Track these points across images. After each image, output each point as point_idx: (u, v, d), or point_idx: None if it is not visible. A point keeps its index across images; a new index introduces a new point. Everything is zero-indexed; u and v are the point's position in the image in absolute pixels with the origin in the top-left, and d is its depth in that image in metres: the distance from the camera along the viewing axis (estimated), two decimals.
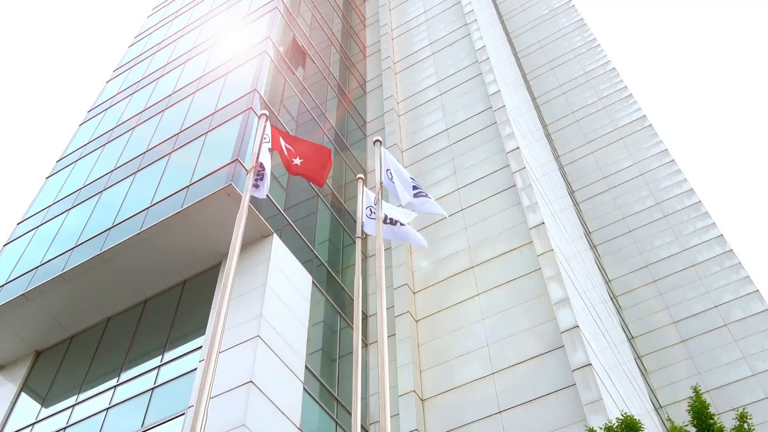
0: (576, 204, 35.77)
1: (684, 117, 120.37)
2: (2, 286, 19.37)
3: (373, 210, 11.89)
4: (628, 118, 39.47)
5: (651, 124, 38.57)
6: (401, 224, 11.84)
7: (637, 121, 38.99)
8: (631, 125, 38.95)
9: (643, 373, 27.83)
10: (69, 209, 21.41)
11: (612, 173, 37.46)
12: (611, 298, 29.88)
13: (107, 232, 18.44)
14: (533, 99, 42.07)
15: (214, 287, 16.63)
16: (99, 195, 20.99)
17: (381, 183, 11.94)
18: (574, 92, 43.01)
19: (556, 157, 37.92)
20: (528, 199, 20.30)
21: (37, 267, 19.16)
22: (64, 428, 15.96)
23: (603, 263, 33.57)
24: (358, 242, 11.89)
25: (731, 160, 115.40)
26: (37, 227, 21.66)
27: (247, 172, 10.75)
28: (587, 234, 33.96)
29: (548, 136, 39.55)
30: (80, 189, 22.14)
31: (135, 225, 17.80)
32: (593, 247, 33.70)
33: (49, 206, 22.46)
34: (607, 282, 31.87)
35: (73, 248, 18.82)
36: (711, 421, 7.68)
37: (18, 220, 22.97)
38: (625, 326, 29.68)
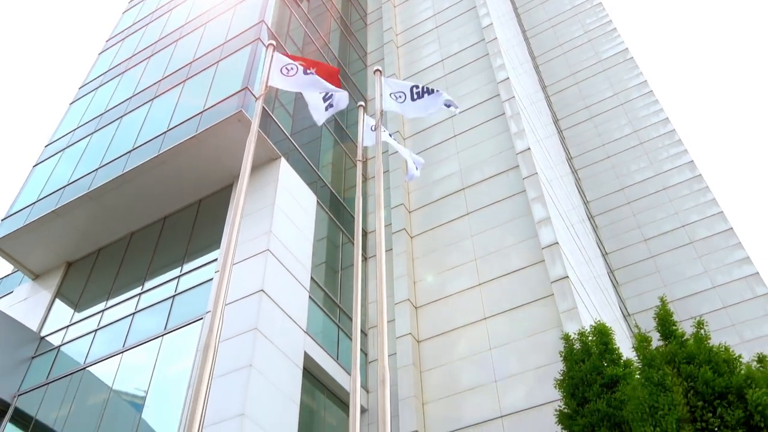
0: (560, 131, 35.52)
1: (664, 51, 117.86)
2: (34, 203, 19.40)
3: (373, 128, 11.81)
4: (611, 51, 38.84)
5: (632, 57, 37.93)
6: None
7: (619, 54, 38.37)
8: (614, 58, 38.36)
9: (615, 285, 28.31)
10: (92, 133, 21.21)
11: (594, 103, 37.10)
12: (589, 218, 30.07)
13: (128, 154, 18.32)
14: (523, 32, 41.13)
15: (227, 206, 16.67)
16: (119, 120, 20.75)
17: (381, 110, 11.77)
18: (562, 26, 42.11)
19: (543, 88, 37.40)
20: (516, 127, 20.14)
21: (64, 186, 19.14)
22: (95, 331, 16.30)
23: (582, 186, 33.62)
24: (359, 165, 11.84)
25: (706, 91, 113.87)
26: (64, 149, 21.51)
27: (256, 99, 10.57)
28: (569, 159, 33.87)
29: (536, 67, 38.88)
30: (102, 114, 21.87)
31: (153, 148, 17.68)
32: (574, 171, 33.68)
33: (74, 130, 22.24)
34: (586, 203, 32.01)
35: (97, 169, 18.76)
36: (674, 327, 7.85)
37: (45, 143, 22.80)
38: (600, 243, 29.99)
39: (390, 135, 12.60)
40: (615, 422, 8.12)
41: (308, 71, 10.63)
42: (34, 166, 21.86)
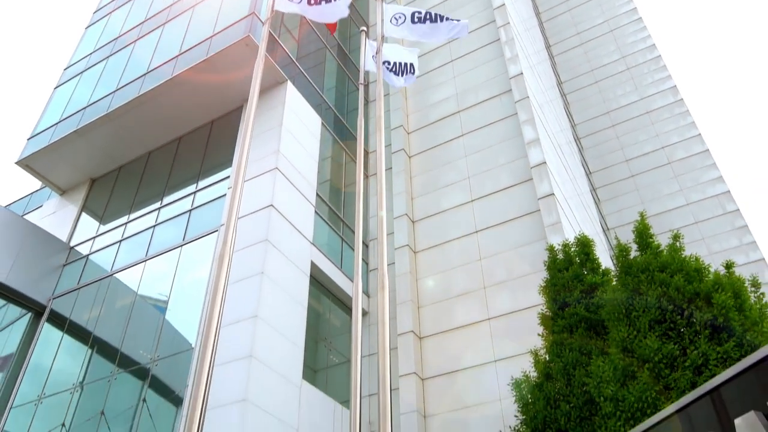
0: (551, 57, 34.65)
1: None
2: (57, 123, 19.16)
3: (374, 57, 11.47)
4: None
5: None
6: (399, 67, 11.44)
7: None
8: None
9: (597, 202, 28.41)
10: (108, 56, 20.66)
11: (585, 29, 36.04)
12: (575, 140, 29.81)
13: (143, 77, 17.92)
14: None
15: (238, 127, 16.47)
16: (133, 44, 20.16)
17: (382, 35, 11.40)
18: None
19: (537, 14, 36.20)
20: (509, 52, 19.62)
21: (85, 107, 18.84)
22: (120, 241, 16.47)
23: (571, 109, 33.15)
24: (361, 89, 11.59)
25: (694, 18, 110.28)
26: (82, 72, 21.03)
27: (263, 23, 10.22)
28: (559, 84, 33.22)
29: None
30: (116, 38, 21.23)
31: (167, 71, 17.28)
32: (563, 95, 33.11)
33: (91, 54, 21.66)
34: (573, 126, 31.65)
35: (114, 91, 18.40)
36: (650, 240, 7.91)
37: (65, 66, 22.27)
38: (585, 163, 29.88)
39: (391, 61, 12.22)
40: (591, 324, 8.32)
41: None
42: (55, 88, 21.44)
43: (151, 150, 18.44)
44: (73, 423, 12.72)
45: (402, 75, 11.77)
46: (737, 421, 3.52)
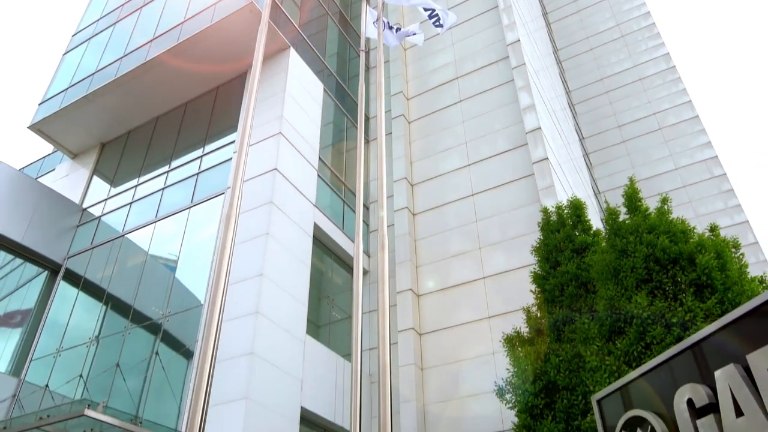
0: (548, 24, 34.06)
1: None
2: (67, 89, 18.94)
3: (375, 23, 11.28)
4: None
5: None
6: (398, 29, 11.26)
7: None
8: None
9: (589, 166, 28.31)
10: (115, 23, 20.29)
11: None
12: (570, 106, 29.53)
13: (149, 43, 17.65)
14: None
15: (242, 92, 16.29)
16: (139, 11, 19.78)
17: (382, 2, 11.18)
18: None
19: None
20: (507, 19, 19.27)
21: (93, 73, 18.60)
22: (130, 203, 16.47)
23: (566, 76, 32.74)
24: (362, 55, 11.43)
25: None
26: (90, 38, 20.69)
27: None
28: (555, 51, 32.73)
29: None
30: (123, 5, 20.80)
31: (172, 37, 17.00)
32: (559, 62, 32.65)
33: (98, 20, 21.26)
34: (568, 92, 31.31)
35: (122, 57, 18.14)
36: (639, 203, 7.91)
37: (72, 33, 21.89)
38: (578, 129, 29.66)
39: (391, 27, 12.03)
40: (582, 282, 8.38)
41: None
42: (64, 54, 21.13)
43: (158, 115, 18.28)
44: (90, 374, 12.95)
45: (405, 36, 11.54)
46: (717, 374, 3.57)
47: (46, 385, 13.39)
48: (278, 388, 11.16)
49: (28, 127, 18.80)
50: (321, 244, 15.11)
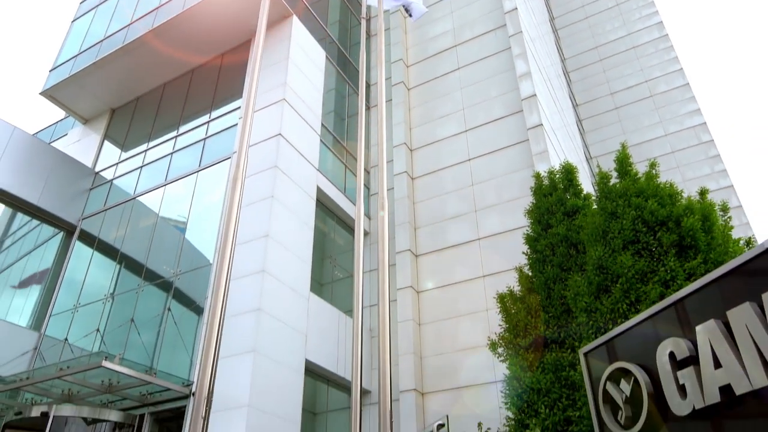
0: None
1: None
2: (76, 56, 18.66)
3: None
4: None
5: None
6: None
7: None
8: None
9: (582, 132, 28.10)
10: None
11: None
12: (564, 73, 29.14)
13: (156, 11, 17.30)
14: None
15: (247, 59, 16.06)
16: None
17: None
18: None
19: None
20: None
21: (102, 40, 18.29)
22: (141, 167, 16.42)
23: (561, 44, 32.21)
24: (363, 23, 11.20)
25: None
26: (97, 6, 20.28)
27: None
28: (551, 20, 32.11)
29: None
30: None
31: (178, 5, 16.67)
32: (555, 30, 32.08)
33: None
34: (563, 60, 30.85)
35: (129, 25, 17.81)
36: (629, 168, 7.88)
37: (80, 0, 21.44)
38: (572, 96, 29.34)
39: None
40: (572, 243, 8.43)
41: None
42: (72, 22, 20.74)
43: (166, 82, 18.06)
44: (106, 328, 13.14)
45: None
46: (698, 328, 3.63)
47: (65, 339, 13.61)
48: (284, 341, 11.34)
49: (40, 93, 18.60)
50: (324, 206, 15.13)
